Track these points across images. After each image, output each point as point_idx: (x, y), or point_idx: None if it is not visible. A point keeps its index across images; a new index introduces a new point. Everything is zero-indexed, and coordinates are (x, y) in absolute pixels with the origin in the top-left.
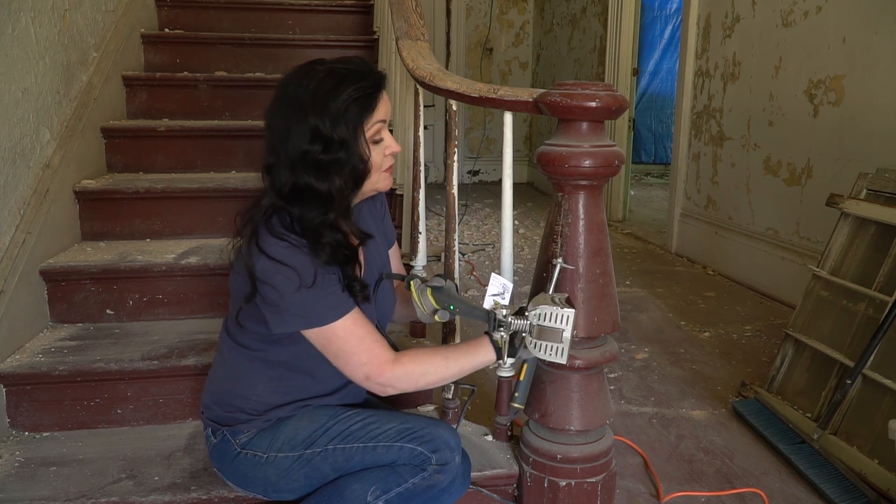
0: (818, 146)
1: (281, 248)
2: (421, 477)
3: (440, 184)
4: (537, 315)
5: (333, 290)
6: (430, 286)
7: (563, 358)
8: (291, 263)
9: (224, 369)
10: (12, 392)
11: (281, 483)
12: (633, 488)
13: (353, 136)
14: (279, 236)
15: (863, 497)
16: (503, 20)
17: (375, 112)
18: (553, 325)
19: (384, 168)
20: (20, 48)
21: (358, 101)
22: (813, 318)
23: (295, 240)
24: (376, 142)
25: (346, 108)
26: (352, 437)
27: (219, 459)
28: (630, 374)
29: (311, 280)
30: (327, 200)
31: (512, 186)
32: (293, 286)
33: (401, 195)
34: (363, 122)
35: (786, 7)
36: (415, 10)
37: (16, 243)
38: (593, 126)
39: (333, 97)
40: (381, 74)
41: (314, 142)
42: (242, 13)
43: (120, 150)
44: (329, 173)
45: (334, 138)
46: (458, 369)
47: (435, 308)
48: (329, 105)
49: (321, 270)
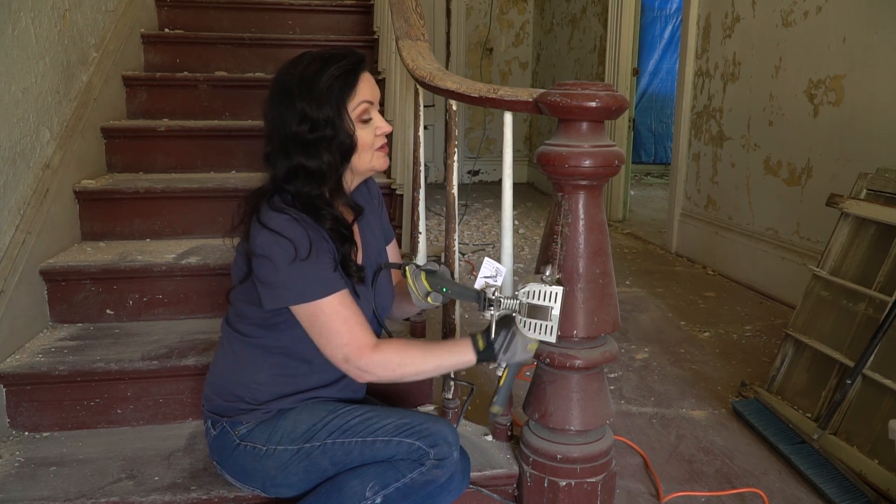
0: (818, 146)
1: (281, 221)
2: (419, 472)
3: (440, 184)
4: (526, 293)
5: (326, 266)
6: (424, 269)
7: (553, 336)
8: (289, 235)
9: (224, 359)
10: (12, 392)
11: (279, 477)
12: (633, 488)
13: (337, 113)
14: (280, 210)
15: (863, 497)
16: (503, 20)
17: (358, 90)
18: (542, 302)
19: (377, 147)
20: (20, 48)
21: (339, 78)
22: (813, 318)
23: (295, 213)
24: (365, 121)
25: (329, 87)
26: (350, 431)
27: (218, 452)
28: (630, 374)
29: (306, 253)
30: (319, 176)
31: (512, 186)
32: (288, 257)
33: (401, 195)
34: (346, 99)
35: (786, 7)
36: (415, 10)
37: (16, 243)
38: (593, 126)
39: (317, 79)
40: (361, 55)
41: (302, 123)
42: (242, 13)
43: (120, 150)
44: (318, 150)
45: (320, 117)
46: (435, 364)
47: (428, 291)
48: (313, 87)
49: (317, 246)
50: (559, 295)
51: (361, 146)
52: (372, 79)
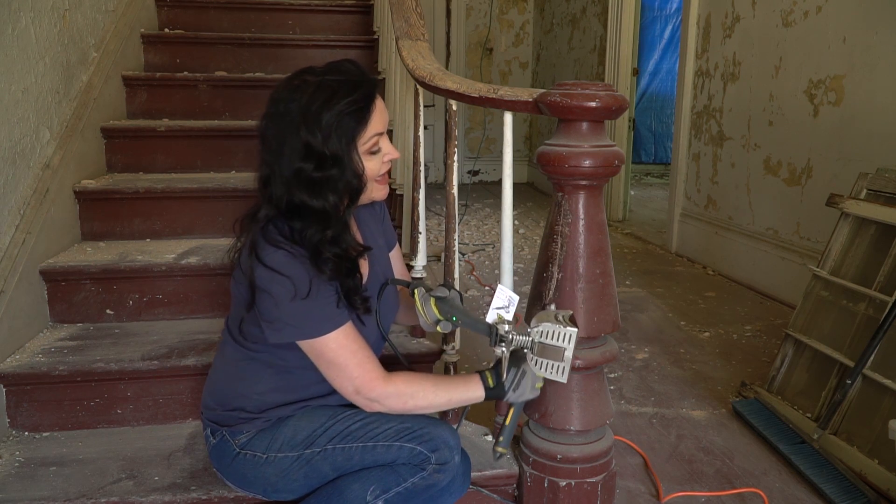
0: (818, 146)
1: (279, 257)
2: (420, 476)
3: (440, 184)
4: (539, 332)
5: (328, 301)
6: (434, 296)
7: (564, 377)
8: (288, 273)
9: (225, 369)
10: (12, 392)
11: (280, 483)
12: (633, 488)
13: (346, 151)
14: (276, 244)
15: (863, 497)
16: (503, 20)
17: (370, 125)
18: (555, 343)
19: (380, 174)
20: (20, 48)
21: (351, 115)
22: (813, 318)
23: (292, 248)
24: (373, 153)
25: (339, 123)
26: (351, 436)
27: (218, 460)
28: (630, 374)
29: (306, 291)
30: (324, 217)
31: (512, 186)
32: (288, 295)
33: (401, 195)
34: (357, 136)
35: (786, 7)
36: (415, 10)
37: (16, 243)
38: (593, 126)
39: (325, 112)
40: (374, 82)
41: (307, 159)
42: (242, 13)
43: (120, 150)
44: (323, 190)
45: (326, 154)
46: (446, 399)
47: (438, 318)
48: (321, 120)
49: (317, 282)
50: (573, 336)
51: (368, 179)
52: (383, 106)
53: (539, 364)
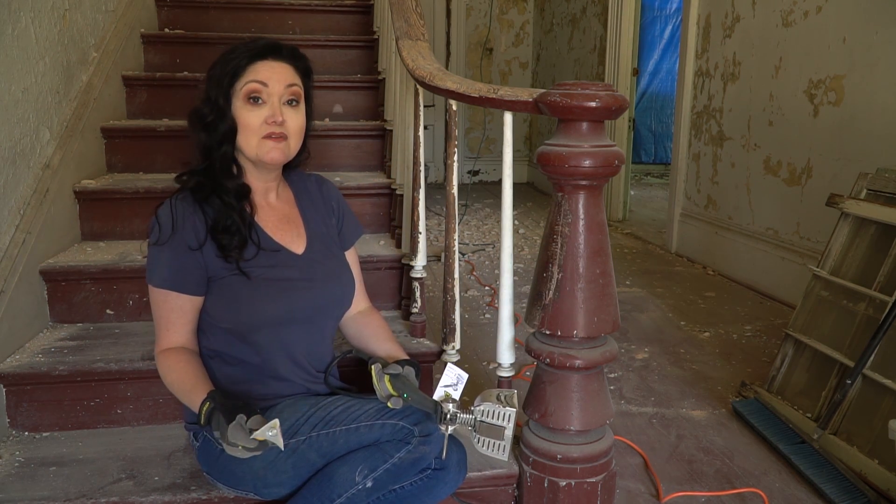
0: (818, 146)
1: (163, 206)
2: (406, 450)
3: (440, 184)
4: (482, 412)
5: (176, 258)
6: (388, 373)
7: (504, 455)
8: (159, 219)
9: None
10: (12, 392)
11: (269, 476)
12: (633, 488)
13: (223, 95)
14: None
15: (863, 497)
16: (503, 20)
17: (252, 69)
18: (496, 422)
19: (262, 134)
20: (20, 48)
21: (231, 61)
22: (813, 318)
23: (174, 198)
24: (252, 101)
25: (222, 70)
26: (333, 421)
27: (205, 462)
28: (630, 374)
29: (165, 239)
30: (208, 153)
31: (512, 186)
32: (153, 238)
33: (401, 195)
34: (235, 81)
35: (786, 7)
36: (415, 10)
37: (16, 243)
38: (593, 126)
39: (217, 65)
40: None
41: (204, 105)
42: (242, 13)
43: (120, 150)
44: (207, 129)
45: (211, 98)
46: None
47: (391, 394)
48: (214, 70)
49: (179, 236)
50: (512, 417)
51: (243, 127)
52: (285, 67)
53: (481, 442)
